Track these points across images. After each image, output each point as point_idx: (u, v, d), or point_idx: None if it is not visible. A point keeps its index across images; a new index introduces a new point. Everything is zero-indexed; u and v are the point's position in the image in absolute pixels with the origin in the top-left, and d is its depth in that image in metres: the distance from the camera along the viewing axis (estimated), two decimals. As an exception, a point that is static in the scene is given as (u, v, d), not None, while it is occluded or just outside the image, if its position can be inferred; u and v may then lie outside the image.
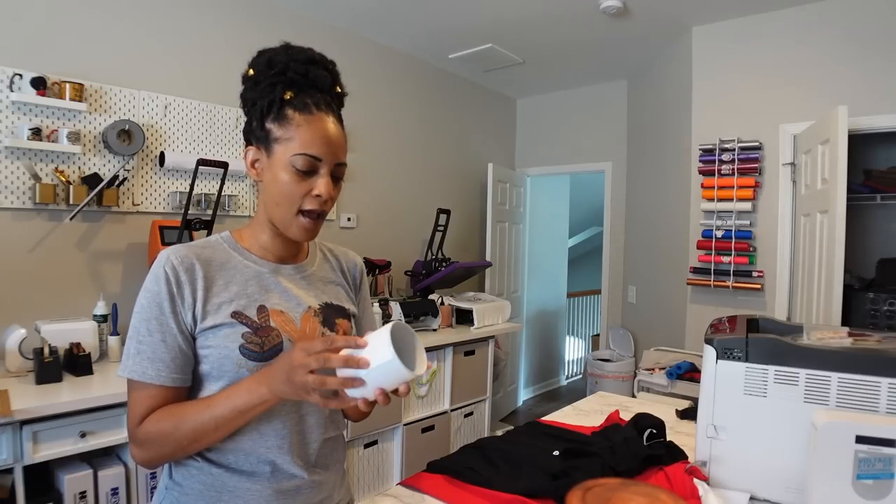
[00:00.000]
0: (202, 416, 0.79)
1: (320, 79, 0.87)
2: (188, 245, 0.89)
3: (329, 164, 0.86)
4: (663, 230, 3.52)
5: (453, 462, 1.13)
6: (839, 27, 2.67)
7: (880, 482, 0.86)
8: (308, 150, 0.84)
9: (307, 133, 0.84)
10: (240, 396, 0.78)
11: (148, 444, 0.81)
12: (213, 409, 0.79)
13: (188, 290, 0.84)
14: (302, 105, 0.85)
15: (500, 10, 2.96)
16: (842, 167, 2.28)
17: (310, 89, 0.86)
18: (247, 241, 0.94)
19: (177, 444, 0.80)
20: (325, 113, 0.86)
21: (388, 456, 2.70)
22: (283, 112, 0.85)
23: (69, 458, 1.67)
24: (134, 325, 0.83)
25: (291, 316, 0.89)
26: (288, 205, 0.86)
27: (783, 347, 0.99)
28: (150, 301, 0.83)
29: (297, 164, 0.84)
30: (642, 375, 2.97)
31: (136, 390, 0.82)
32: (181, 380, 0.83)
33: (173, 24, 2.50)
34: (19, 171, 2.05)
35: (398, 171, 3.66)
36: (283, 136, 0.85)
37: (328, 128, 0.86)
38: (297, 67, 0.86)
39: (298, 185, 0.85)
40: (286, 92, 0.85)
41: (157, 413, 0.81)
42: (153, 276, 0.84)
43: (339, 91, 0.92)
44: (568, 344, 5.78)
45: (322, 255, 1.03)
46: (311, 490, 0.90)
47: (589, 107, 4.33)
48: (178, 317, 0.83)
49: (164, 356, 0.82)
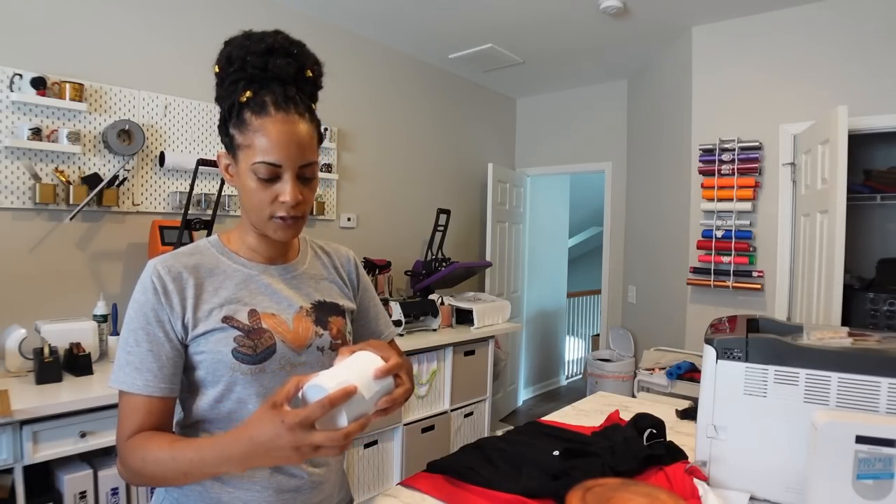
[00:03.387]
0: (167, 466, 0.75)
1: (282, 69, 0.82)
2: (175, 254, 0.88)
3: (291, 168, 0.82)
4: (663, 230, 3.52)
5: (453, 462, 1.13)
6: (839, 27, 2.67)
7: (880, 482, 0.86)
8: (266, 157, 0.80)
9: (264, 139, 0.80)
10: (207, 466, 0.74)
11: (126, 467, 0.80)
12: (177, 462, 0.74)
13: (177, 300, 0.83)
14: (259, 107, 0.80)
15: (500, 10, 2.96)
16: (842, 167, 2.28)
17: (272, 83, 0.81)
18: (234, 244, 0.93)
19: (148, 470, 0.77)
20: (284, 112, 0.80)
21: (388, 456, 2.70)
22: (242, 116, 0.81)
23: (69, 458, 1.67)
24: (123, 336, 0.83)
25: (283, 317, 0.89)
26: (258, 211, 0.84)
27: (783, 347, 0.99)
28: (137, 311, 0.83)
29: (258, 172, 0.81)
30: (642, 375, 2.97)
31: (125, 401, 0.82)
32: (168, 389, 0.82)
33: (173, 24, 2.50)
34: (19, 171, 2.05)
35: (398, 171, 3.66)
36: (244, 143, 0.82)
37: (286, 129, 0.80)
38: (255, 61, 0.81)
39: (264, 193, 0.82)
40: (245, 92, 0.81)
41: (139, 438, 0.79)
42: (140, 287, 0.84)
43: (310, 76, 0.86)
44: (568, 344, 5.78)
45: (313, 252, 1.02)
46: (312, 490, 0.90)
47: (589, 107, 4.33)
48: (164, 326, 0.83)
49: (151, 366, 0.81)
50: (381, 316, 1.10)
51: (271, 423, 0.68)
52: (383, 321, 1.11)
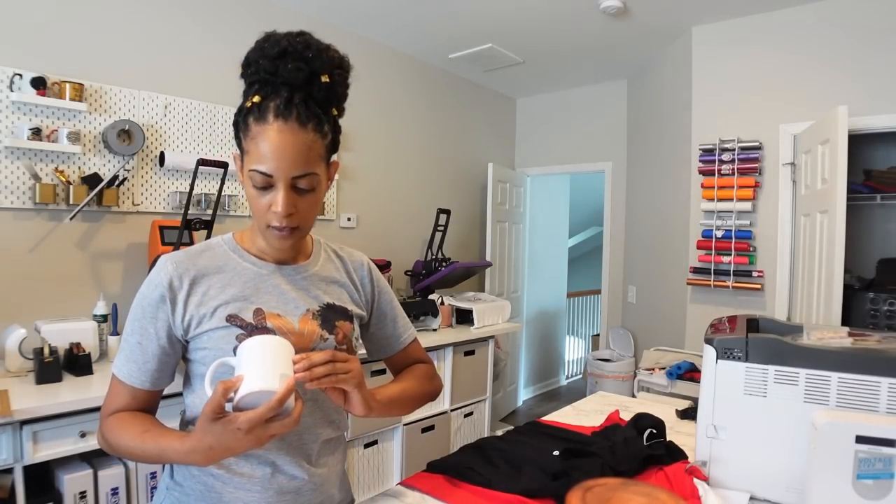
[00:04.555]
0: (133, 444, 0.81)
1: (291, 74, 0.79)
2: (186, 251, 0.89)
3: (283, 178, 0.80)
4: (663, 230, 3.52)
5: (453, 462, 1.13)
6: (839, 27, 2.67)
7: (880, 482, 0.86)
8: (258, 166, 0.79)
9: (258, 147, 0.79)
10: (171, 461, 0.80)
11: (103, 439, 0.85)
12: (145, 453, 0.80)
13: (182, 296, 0.84)
14: (260, 113, 0.79)
15: (500, 10, 2.96)
16: (842, 167, 2.28)
17: (281, 88, 0.80)
18: (247, 243, 0.93)
19: (121, 452, 0.84)
20: (283, 120, 0.78)
21: (388, 456, 2.70)
22: (247, 121, 0.81)
23: (69, 457, 1.67)
24: (125, 325, 0.87)
25: (289, 318, 0.88)
26: (257, 218, 0.85)
27: (783, 347, 0.99)
28: (138, 304, 0.86)
29: (253, 179, 0.81)
30: (642, 375, 2.97)
31: (114, 383, 0.87)
32: (150, 383, 0.86)
33: (174, 24, 2.50)
34: (19, 171, 2.05)
35: (398, 171, 3.66)
36: (245, 148, 0.82)
37: (281, 139, 0.78)
38: (266, 65, 0.80)
39: (260, 200, 0.82)
40: (253, 97, 0.81)
41: (120, 417, 0.85)
42: (148, 282, 0.86)
43: (326, 81, 0.82)
44: (568, 344, 5.78)
45: (326, 255, 1.01)
46: (312, 491, 0.90)
47: (589, 107, 4.33)
48: (158, 324, 0.84)
49: (137, 358, 0.85)
50: (399, 319, 1.09)
51: (229, 433, 0.71)
52: (402, 324, 1.09)
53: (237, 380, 0.72)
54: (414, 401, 1.01)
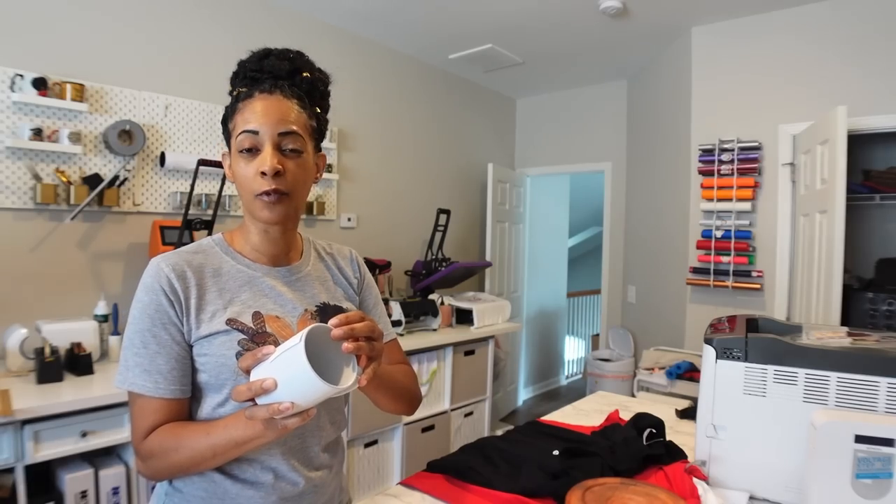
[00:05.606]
0: (200, 444, 0.77)
1: (275, 66, 0.86)
2: (179, 252, 0.87)
3: (269, 134, 0.83)
4: (663, 230, 3.52)
5: (453, 462, 1.14)
6: (838, 27, 2.68)
7: (879, 482, 0.86)
8: (244, 126, 0.83)
9: (244, 116, 0.84)
10: (237, 428, 0.75)
11: (151, 461, 0.80)
12: (210, 437, 0.76)
13: (182, 299, 0.82)
14: (247, 94, 0.85)
15: (500, 10, 2.96)
16: (841, 167, 2.28)
17: (265, 78, 0.86)
18: (238, 244, 0.92)
19: (178, 466, 0.78)
20: (268, 93, 0.84)
21: (388, 456, 2.70)
22: (235, 106, 0.86)
23: (70, 457, 1.68)
24: (128, 336, 0.82)
25: (288, 321, 0.88)
26: (245, 190, 0.85)
27: (782, 347, 0.99)
28: (142, 312, 0.82)
29: (241, 146, 0.84)
30: (642, 375, 2.97)
31: (138, 403, 0.81)
32: (180, 391, 0.82)
33: (174, 25, 2.50)
34: (20, 171, 2.06)
35: (398, 171, 3.66)
36: (233, 129, 0.86)
37: (265, 104, 0.84)
38: (251, 65, 0.87)
39: (248, 167, 0.84)
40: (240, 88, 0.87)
41: (162, 430, 0.80)
42: (144, 287, 0.83)
43: (307, 76, 0.89)
44: (568, 344, 5.78)
45: (317, 253, 1.01)
46: (313, 494, 0.90)
47: (589, 107, 4.34)
48: (170, 328, 0.82)
49: (161, 368, 0.80)
50: (381, 317, 1.08)
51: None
52: (383, 322, 1.08)
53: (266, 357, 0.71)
54: (398, 388, 0.97)
